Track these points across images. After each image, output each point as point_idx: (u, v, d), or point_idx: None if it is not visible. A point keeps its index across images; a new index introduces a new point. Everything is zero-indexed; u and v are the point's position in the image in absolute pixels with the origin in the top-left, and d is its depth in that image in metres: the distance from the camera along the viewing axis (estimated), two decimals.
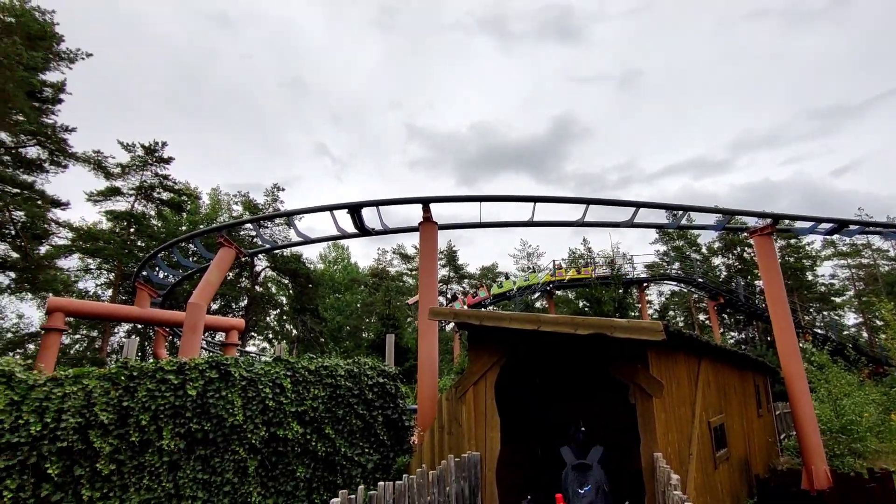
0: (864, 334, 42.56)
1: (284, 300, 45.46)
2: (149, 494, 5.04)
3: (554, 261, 33.25)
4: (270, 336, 46.92)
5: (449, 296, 44.08)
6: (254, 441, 5.70)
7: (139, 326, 31.77)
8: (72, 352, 32.16)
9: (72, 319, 21.67)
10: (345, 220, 10.74)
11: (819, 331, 32.76)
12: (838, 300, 44.32)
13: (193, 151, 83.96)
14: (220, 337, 27.07)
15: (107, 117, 66.79)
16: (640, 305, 30.43)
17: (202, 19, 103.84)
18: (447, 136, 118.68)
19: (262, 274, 41.49)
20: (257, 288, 41.64)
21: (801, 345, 19.15)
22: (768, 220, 9.67)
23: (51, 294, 21.99)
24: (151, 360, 6.01)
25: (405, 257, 53.37)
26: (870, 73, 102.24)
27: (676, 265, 39.55)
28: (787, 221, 11.53)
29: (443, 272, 50.71)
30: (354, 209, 9.96)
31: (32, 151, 21.82)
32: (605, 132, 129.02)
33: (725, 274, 40.87)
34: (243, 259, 10.37)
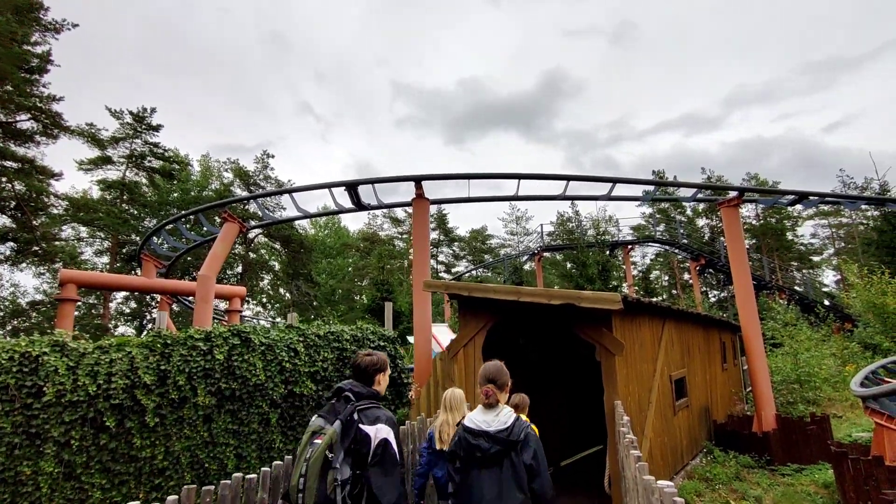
0: (843, 292, 44.44)
1: (277, 265, 46.27)
2: (188, 442, 5.94)
3: (542, 224, 34.03)
4: (265, 300, 47.98)
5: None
6: (274, 397, 6.60)
7: (136, 294, 32.48)
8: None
9: None
10: (341, 195, 11.42)
11: (798, 289, 34.21)
12: (817, 259, 45.93)
13: (174, 110, 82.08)
14: (223, 305, 27.99)
15: (83, 76, 64.93)
16: (625, 267, 31.56)
17: None
18: (434, 92, 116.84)
19: (255, 240, 42.08)
20: (251, 254, 42.33)
21: (773, 304, 20.40)
22: (735, 193, 10.49)
23: (60, 265, 22.57)
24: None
25: (396, 221, 53.85)
26: (869, 24, 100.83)
27: (661, 227, 40.61)
28: (753, 194, 12.30)
29: (433, 235, 51.40)
30: (351, 186, 10.61)
31: (26, 124, 21.92)
32: (597, 88, 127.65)
33: (709, 235, 42.05)
34: (245, 232, 11.04)
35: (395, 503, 2.63)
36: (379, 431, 2.69)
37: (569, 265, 40.75)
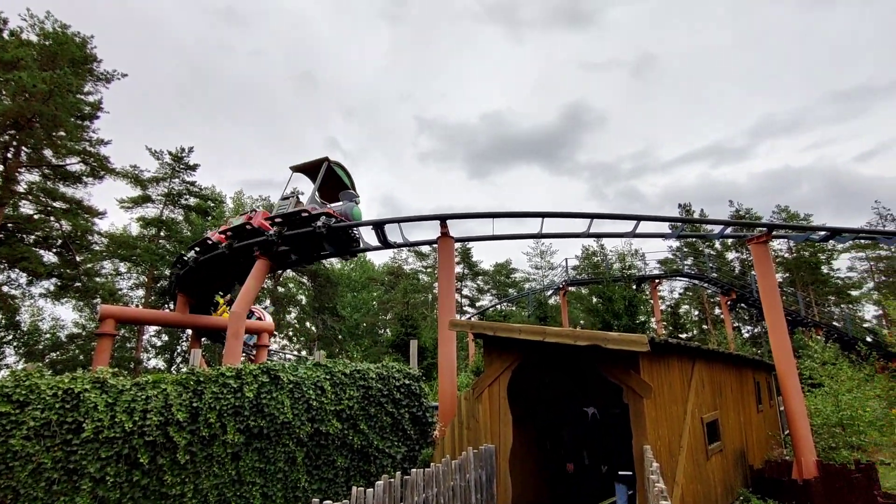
0: (886, 328, 42.38)
1: (304, 299, 46.92)
2: (217, 480, 6.04)
3: (566, 259, 33.89)
4: (291, 334, 48.48)
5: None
6: (301, 435, 6.68)
7: (167, 329, 33.33)
8: None
9: None
10: (368, 232, 11.74)
11: (836, 325, 32.81)
12: (855, 293, 44.09)
13: (208, 148, 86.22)
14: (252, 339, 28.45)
15: (123, 118, 68.85)
16: (652, 302, 30.92)
17: (209, 15, 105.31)
18: (458, 127, 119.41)
19: (283, 274, 42.91)
20: (279, 289, 43.14)
21: (809, 341, 19.61)
22: (764, 229, 10.34)
23: (99, 300, 23.51)
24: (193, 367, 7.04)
25: (420, 255, 54.37)
26: (894, 53, 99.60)
27: (689, 261, 39.81)
28: (783, 230, 12.09)
29: (458, 269, 51.48)
30: (378, 226, 10.92)
31: (75, 167, 23.41)
32: (620, 120, 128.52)
33: (739, 269, 40.99)
34: (277, 271, 11.50)
35: None
36: None
37: (594, 300, 40.11)
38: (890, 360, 23.63)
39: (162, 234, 33.84)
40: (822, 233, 10.90)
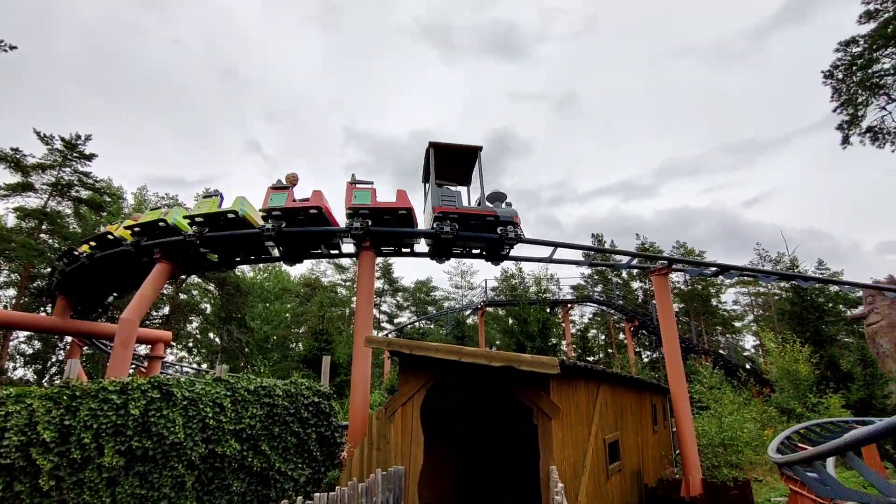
0: (761, 357, 47.53)
1: (209, 308, 43.74)
2: None
3: (486, 280, 34.61)
4: (191, 345, 44.95)
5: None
6: (192, 457, 6.08)
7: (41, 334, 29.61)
8: None
9: None
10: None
11: (722, 352, 36.22)
12: (738, 325, 49.12)
13: (110, 138, 78.92)
14: (143, 349, 25.92)
15: (8, 95, 61.39)
16: (564, 325, 32.35)
17: None
18: (387, 141, 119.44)
19: (187, 280, 39.81)
20: (181, 295, 39.95)
21: (699, 367, 21.42)
22: (665, 262, 11.21)
23: None
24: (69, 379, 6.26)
25: (340, 268, 53.03)
26: (780, 113, 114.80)
27: (599, 288, 42.27)
28: (681, 264, 13.23)
29: (378, 284, 50.76)
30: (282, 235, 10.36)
31: None
32: (543, 150, 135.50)
33: (642, 298, 44.17)
34: (181, 276, 10.49)
35: None
36: None
37: (511, 321, 41.33)
38: (764, 385, 26.41)
39: (44, 227, 30.18)
40: (714, 268, 12.03)
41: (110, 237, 11.70)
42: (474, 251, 11.03)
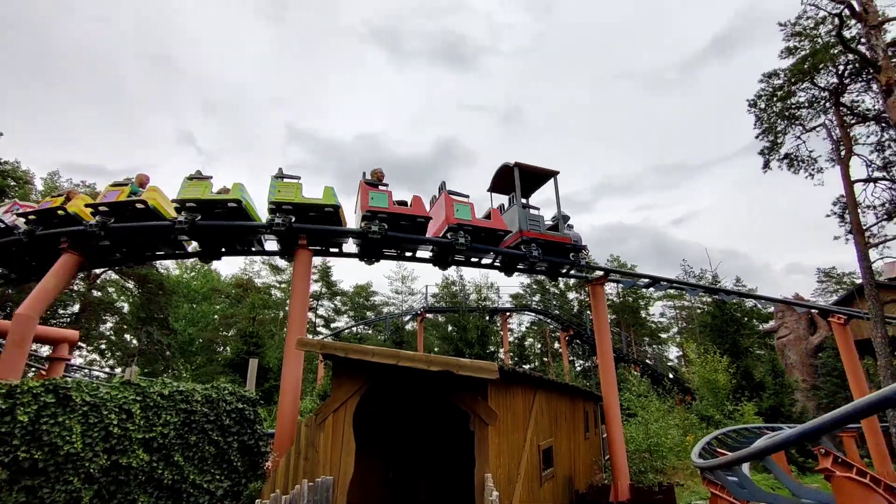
0: (684, 367, 50.43)
1: (126, 307, 40.43)
2: None
3: (427, 286, 34.47)
4: (104, 347, 41.37)
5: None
6: (91, 470, 5.43)
7: None
8: None
9: None
10: None
11: (649, 362, 38.03)
12: (664, 336, 51.88)
13: (20, 117, 71.89)
14: (45, 350, 23.51)
15: None
16: (502, 333, 32.75)
17: None
18: (331, 142, 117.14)
19: (101, 276, 36.59)
20: (94, 292, 36.70)
21: (628, 375, 22.30)
22: (601, 273, 11.53)
23: None
24: None
25: (275, 269, 50.84)
26: (707, 138, 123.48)
27: (537, 297, 43.26)
28: (616, 275, 13.70)
29: (315, 287, 49.23)
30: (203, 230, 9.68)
31: None
32: (487, 160, 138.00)
33: (577, 308, 45.66)
34: (91, 270, 9.49)
35: None
36: None
37: (450, 328, 41.39)
38: (686, 393, 27.91)
39: None
40: (646, 280, 12.51)
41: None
42: (538, 268, 11.69)
